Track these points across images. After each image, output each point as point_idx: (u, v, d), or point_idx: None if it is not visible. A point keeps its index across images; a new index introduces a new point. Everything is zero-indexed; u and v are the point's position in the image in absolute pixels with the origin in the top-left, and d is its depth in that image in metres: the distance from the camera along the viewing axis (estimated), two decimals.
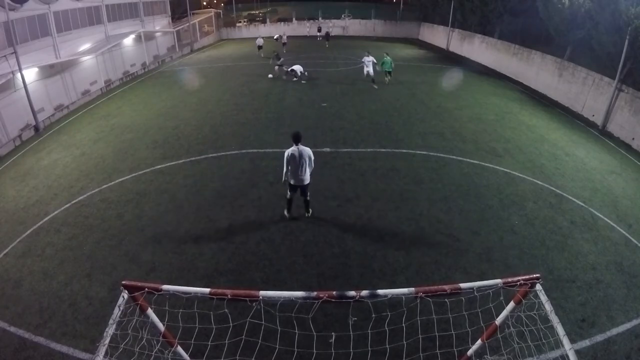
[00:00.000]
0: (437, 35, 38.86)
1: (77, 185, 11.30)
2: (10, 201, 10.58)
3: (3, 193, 11.12)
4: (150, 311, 4.20)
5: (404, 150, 13.16)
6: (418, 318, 4.61)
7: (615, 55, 16.55)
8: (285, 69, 22.77)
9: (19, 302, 7.14)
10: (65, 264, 8.14)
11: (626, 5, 15.60)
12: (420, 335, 4.56)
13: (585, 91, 18.43)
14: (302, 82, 22.23)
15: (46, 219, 9.66)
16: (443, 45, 36.68)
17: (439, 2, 38.26)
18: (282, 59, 23.94)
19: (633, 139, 14.92)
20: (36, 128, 16.27)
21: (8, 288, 7.51)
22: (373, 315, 6.17)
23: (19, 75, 15.40)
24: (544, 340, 4.75)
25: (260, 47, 32.40)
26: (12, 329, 6.54)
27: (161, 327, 4.32)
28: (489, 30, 31.29)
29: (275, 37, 38.12)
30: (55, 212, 9.92)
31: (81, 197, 10.64)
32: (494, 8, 29.94)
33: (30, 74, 16.54)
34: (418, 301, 4.58)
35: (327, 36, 38.08)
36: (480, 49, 30.44)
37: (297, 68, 22.13)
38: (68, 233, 9.12)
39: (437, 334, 4.54)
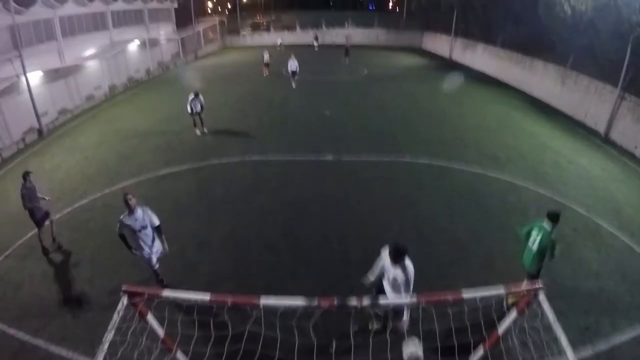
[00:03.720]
0: (440, 43, 38.98)
1: (80, 189, 11.32)
2: (13, 204, 10.55)
3: (6, 195, 11.13)
4: (150, 317, 4.18)
5: (407, 159, 13.14)
6: (420, 327, 4.56)
7: (617, 63, 16.54)
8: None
9: (19, 305, 7.13)
10: (66, 267, 8.13)
11: (628, 13, 15.62)
12: (422, 344, 4.51)
13: (587, 99, 18.39)
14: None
15: (47, 222, 9.65)
16: (446, 54, 36.77)
17: (442, 11, 38.39)
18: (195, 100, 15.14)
19: (636, 147, 14.85)
20: (40, 132, 16.33)
21: (9, 290, 7.50)
22: (375, 325, 6.14)
23: (23, 78, 15.50)
24: (546, 350, 4.70)
25: (267, 65, 26.90)
26: (12, 331, 6.52)
27: (161, 332, 4.30)
28: (491, 38, 31.37)
29: (279, 43, 38.59)
30: (58, 216, 9.91)
31: (83, 202, 10.65)
32: (496, 17, 30.02)
33: (35, 78, 16.65)
34: (420, 310, 4.55)
35: (347, 52, 32.62)
36: (482, 58, 30.49)
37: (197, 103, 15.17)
38: (69, 237, 9.12)
39: (439, 343, 4.49)
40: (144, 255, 6.93)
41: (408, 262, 5.43)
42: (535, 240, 6.50)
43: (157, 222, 6.98)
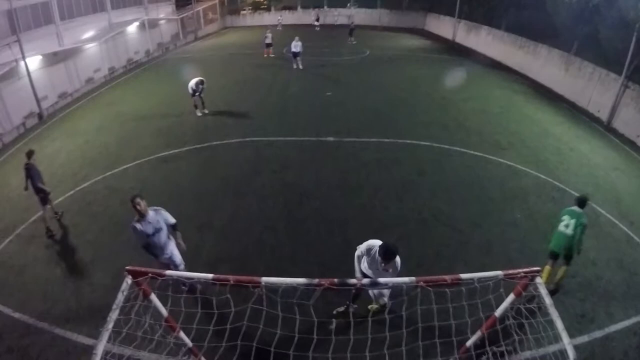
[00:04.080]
0: (443, 26, 38.42)
1: (81, 172, 11.34)
2: (15, 189, 10.61)
3: (7, 181, 11.17)
4: (153, 296, 4.25)
5: (408, 141, 13.12)
6: (418, 307, 4.63)
7: (622, 51, 16.35)
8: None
9: (23, 289, 7.23)
10: (69, 251, 8.21)
11: (634, 1, 15.39)
12: (420, 325, 4.59)
13: (591, 86, 18.26)
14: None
15: (49, 206, 9.71)
16: (449, 37, 36.27)
17: None
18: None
19: (638, 136, 14.80)
20: (40, 116, 16.28)
21: (12, 274, 7.60)
22: (374, 305, 6.23)
23: (22, 63, 15.38)
24: (542, 334, 4.78)
25: (269, 45, 26.07)
26: (17, 314, 6.63)
27: (164, 312, 4.37)
28: (495, 22, 30.95)
29: (278, 23, 38.25)
30: (59, 200, 9.96)
31: (84, 185, 10.69)
32: (500, 0, 29.57)
33: (34, 62, 16.50)
34: (419, 290, 4.61)
35: (351, 32, 32.30)
36: (486, 41, 30.12)
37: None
38: (71, 220, 9.18)
39: (436, 323, 4.57)
40: (163, 261, 6.30)
41: (397, 259, 5.40)
42: (568, 224, 6.80)
43: (172, 220, 6.31)
